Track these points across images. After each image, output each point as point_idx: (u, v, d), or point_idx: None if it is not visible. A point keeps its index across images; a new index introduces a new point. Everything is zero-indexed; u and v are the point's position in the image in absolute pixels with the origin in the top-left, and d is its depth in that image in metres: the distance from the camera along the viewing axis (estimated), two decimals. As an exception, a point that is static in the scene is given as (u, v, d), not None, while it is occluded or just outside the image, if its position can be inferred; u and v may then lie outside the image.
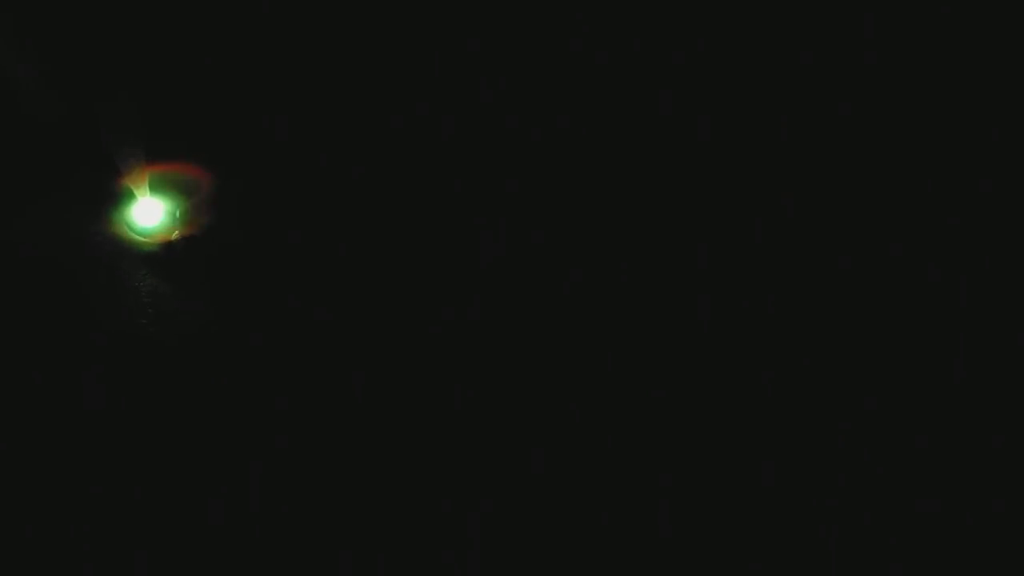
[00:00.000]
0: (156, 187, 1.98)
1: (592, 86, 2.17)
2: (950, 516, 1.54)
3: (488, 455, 1.60)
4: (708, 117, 2.12)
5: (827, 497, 1.57)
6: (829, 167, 2.05)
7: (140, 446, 1.57)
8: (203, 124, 2.13)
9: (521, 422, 1.64)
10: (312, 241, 1.99)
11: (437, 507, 1.52)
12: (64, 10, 2.02)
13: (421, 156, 2.13)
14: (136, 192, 1.94)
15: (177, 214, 1.93)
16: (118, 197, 1.95)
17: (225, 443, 1.59)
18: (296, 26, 2.19)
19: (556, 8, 2.16)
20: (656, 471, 1.60)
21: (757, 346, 1.79)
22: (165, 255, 1.85)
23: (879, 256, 1.93)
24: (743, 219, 2.00)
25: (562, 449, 1.61)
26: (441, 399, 1.66)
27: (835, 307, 1.85)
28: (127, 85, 1.97)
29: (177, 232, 1.89)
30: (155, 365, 1.69)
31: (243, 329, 1.77)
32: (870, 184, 2.03)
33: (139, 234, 1.90)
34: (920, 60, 2.07)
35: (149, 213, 1.94)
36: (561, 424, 1.65)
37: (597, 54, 2.16)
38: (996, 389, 1.71)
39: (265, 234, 1.98)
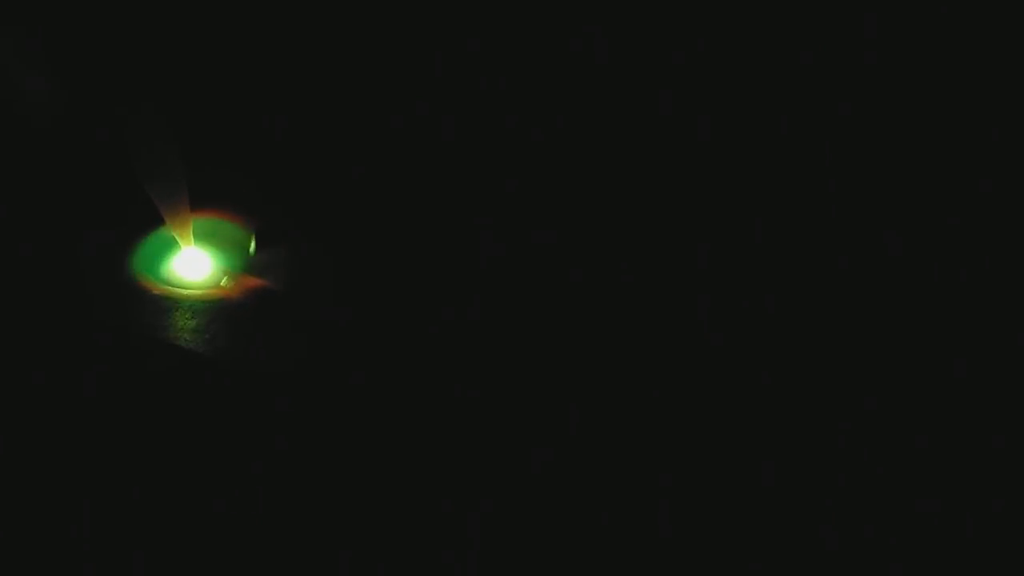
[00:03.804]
0: (201, 237, 1.94)
1: (592, 86, 2.17)
2: (950, 516, 1.54)
3: (488, 455, 1.60)
4: (708, 117, 2.12)
5: (827, 497, 1.57)
6: (829, 167, 2.05)
7: (140, 446, 1.57)
8: (201, 126, 2.13)
9: (521, 422, 1.64)
10: (311, 241, 1.99)
11: (437, 507, 1.52)
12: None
13: (421, 156, 2.13)
14: (181, 242, 1.91)
15: (227, 265, 1.89)
16: (163, 247, 1.92)
17: (225, 443, 1.59)
18: (296, 26, 2.19)
19: (556, 8, 2.16)
20: (656, 471, 1.59)
21: (757, 346, 1.79)
22: (221, 305, 1.81)
23: (879, 256, 1.93)
24: (743, 219, 2.00)
25: (562, 449, 1.61)
26: (441, 399, 1.66)
27: (835, 307, 1.85)
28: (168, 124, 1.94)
29: (227, 281, 1.86)
30: (154, 365, 1.69)
31: (241, 328, 1.77)
32: (870, 184, 2.03)
33: (183, 286, 1.86)
34: (920, 60, 2.07)
35: (195, 264, 1.91)
36: (561, 424, 1.65)
37: (597, 54, 2.16)
38: (996, 389, 1.71)
39: (262, 233, 1.98)
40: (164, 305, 1.80)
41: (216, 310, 1.79)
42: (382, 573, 1.46)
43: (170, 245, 1.92)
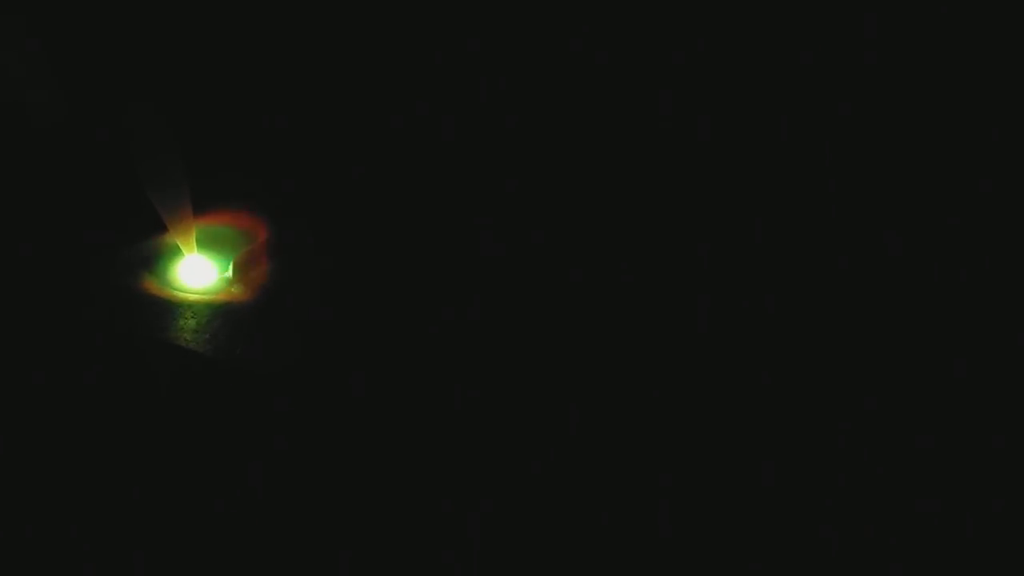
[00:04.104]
0: (204, 242, 1.92)
1: (592, 86, 2.17)
2: (950, 516, 1.54)
3: (488, 455, 1.60)
4: (708, 117, 2.12)
5: (827, 497, 1.57)
6: (829, 167, 2.05)
7: (140, 446, 1.57)
8: (205, 125, 2.13)
9: (521, 422, 1.64)
10: (310, 241, 1.99)
11: (437, 507, 1.52)
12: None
13: (421, 156, 2.13)
14: (183, 248, 1.89)
15: (229, 271, 1.87)
16: (164, 254, 1.90)
17: (225, 443, 1.59)
18: (296, 26, 2.19)
19: (556, 8, 2.16)
20: (656, 471, 1.59)
21: (757, 346, 1.79)
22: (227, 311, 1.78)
23: (879, 256, 1.93)
24: (743, 219, 2.00)
25: (562, 449, 1.61)
26: (441, 399, 1.66)
27: (835, 307, 1.85)
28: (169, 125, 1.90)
29: (234, 288, 1.84)
30: (154, 366, 1.69)
31: (241, 329, 1.77)
32: (870, 184, 2.03)
33: (184, 290, 1.84)
34: (920, 60, 2.07)
35: (197, 270, 1.88)
36: (561, 424, 1.65)
37: (597, 54, 2.16)
38: (996, 389, 1.71)
39: (258, 232, 1.98)
40: (164, 306, 1.80)
41: (216, 311, 1.79)
42: (382, 573, 1.46)
43: (172, 249, 1.91)
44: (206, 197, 1.95)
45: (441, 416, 1.64)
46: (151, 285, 1.85)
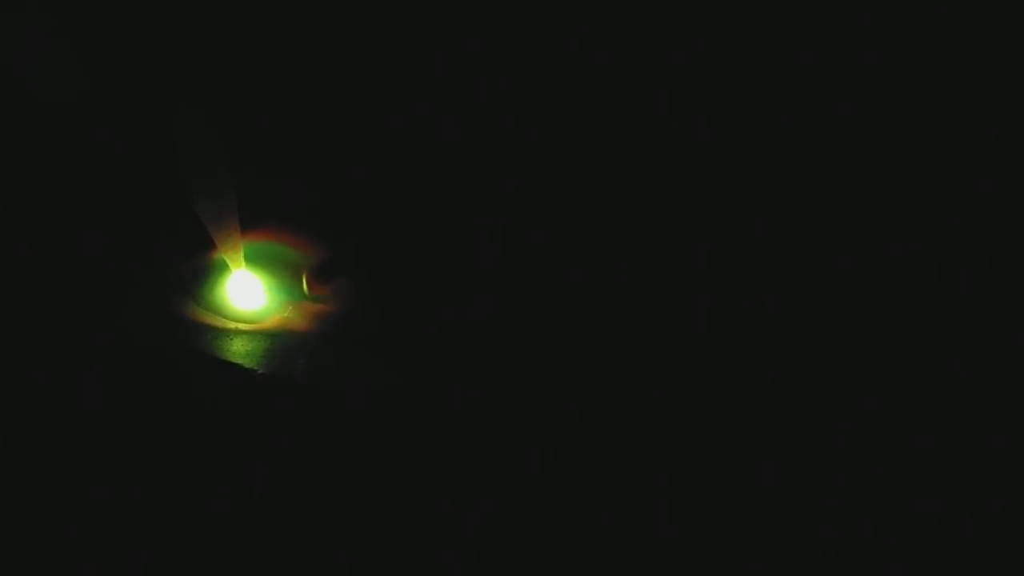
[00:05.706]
0: (252, 259, 1.80)
1: (592, 86, 2.17)
2: (950, 516, 1.54)
3: (488, 455, 1.60)
4: (708, 117, 2.12)
5: (827, 497, 1.57)
6: (829, 167, 2.05)
7: (141, 446, 1.57)
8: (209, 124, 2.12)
9: (521, 422, 1.64)
10: (310, 241, 1.99)
11: (437, 507, 1.52)
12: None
13: (421, 156, 2.13)
14: (231, 266, 1.77)
15: (282, 292, 1.79)
16: (210, 272, 1.80)
17: (226, 443, 1.59)
18: (295, 26, 2.19)
19: (556, 8, 2.16)
20: (656, 471, 1.60)
21: (757, 346, 1.79)
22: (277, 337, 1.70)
23: (879, 256, 1.93)
24: (743, 219, 2.00)
25: (562, 449, 1.61)
26: (441, 399, 1.67)
27: (835, 307, 1.85)
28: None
29: (288, 311, 1.78)
30: (155, 366, 1.69)
31: (240, 329, 1.77)
32: (870, 184, 2.03)
33: (233, 318, 1.75)
34: (920, 60, 2.07)
35: (246, 290, 1.78)
36: (561, 424, 1.65)
37: (597, 54, 2.16)
38: (996, 389, 1.71)
39: (258, 232, 1.98)
40: (208, 331, 1.75)
41: (269, 336, 1.75)
42: (382, 573, 1.46)
43: (218, 266, 1.80)
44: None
45: (441, 416, 1.64)
46: (193, 308, 1.75)
